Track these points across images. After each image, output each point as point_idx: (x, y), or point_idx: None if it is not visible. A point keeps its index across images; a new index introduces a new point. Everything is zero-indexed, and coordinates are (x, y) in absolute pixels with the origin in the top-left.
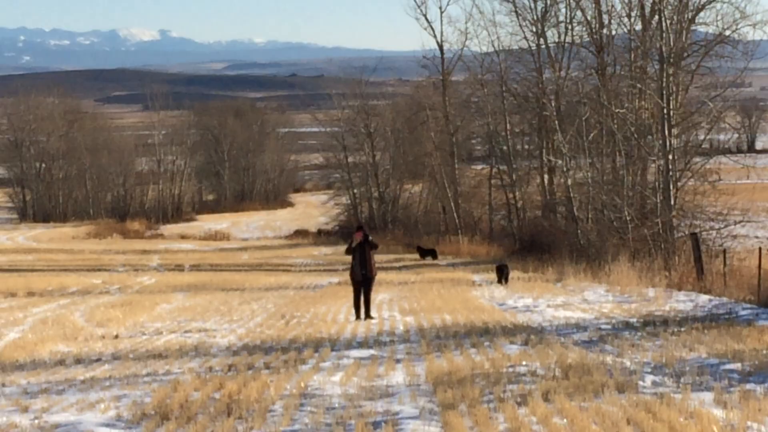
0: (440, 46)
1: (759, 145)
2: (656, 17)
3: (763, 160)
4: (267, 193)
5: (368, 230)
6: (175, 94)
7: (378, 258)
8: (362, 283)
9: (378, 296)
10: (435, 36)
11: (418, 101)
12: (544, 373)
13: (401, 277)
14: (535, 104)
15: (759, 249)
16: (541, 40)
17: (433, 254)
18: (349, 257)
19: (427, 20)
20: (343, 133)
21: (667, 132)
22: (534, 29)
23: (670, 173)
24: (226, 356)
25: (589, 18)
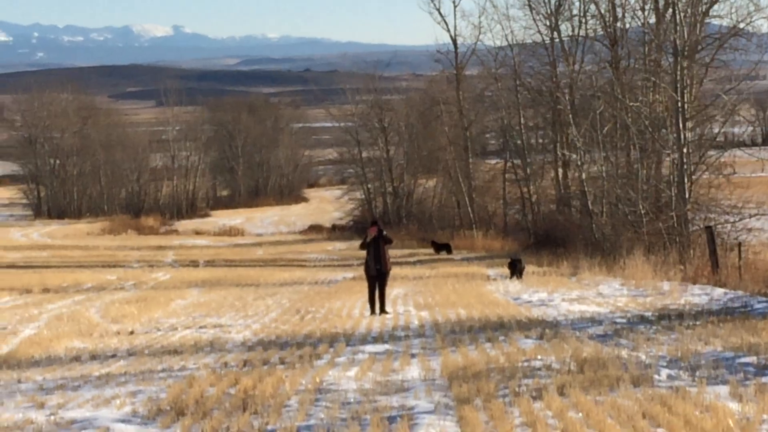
0: (454, 41)
1: None
2: (670, 10)
3: None
4: (281, 189)
5: (382, 225)
6: (188, 89)
7: (392, 253)
8: (377, 278)
9: (393, 291)
10: (448, 30)
11: (432, 96)
12: (559, 368)
13: (416, 271)
14: (549, 98)
15: None
16: (555, 34)
17: (448, 249)
18: (363, 252)
19: (440, 15)
20: (357, 128)
21: (681, 125)
22: (548, 23)
23: (685, 166)
24: (241, 352)
25: (602, 11)
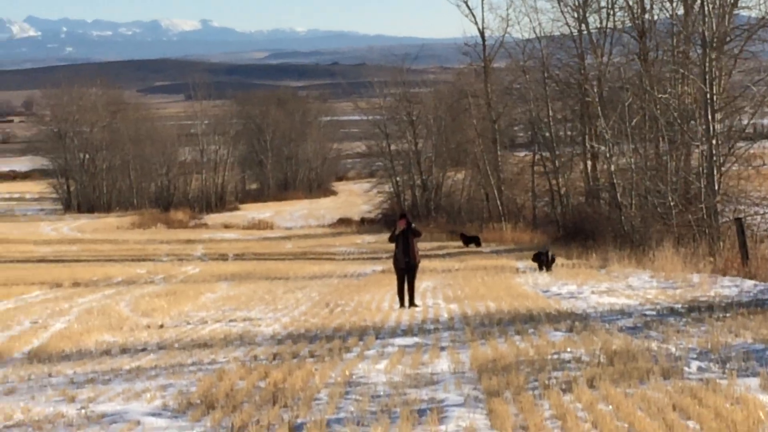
0: (482, 33)
1: None
2: (698, 1)
3: None
4: (310, 182)
5: (411, 218)
6: (217, 83)
7: (421, 246)
8: (406, 271)
9: (422, 284)
10: (476, 23)
11: (460, 88)
12: (589, 360)
13: (445, 264)
14: (577, 90)
15: None
16: (583, 26)
17: (477, 241)
18: (392, 245)
19: (468, 7)
20: (385, 121)
21: (710, 117)
22: (576, 15)
23: (714, 158)
24: (270, 345)
25: (631, 3)
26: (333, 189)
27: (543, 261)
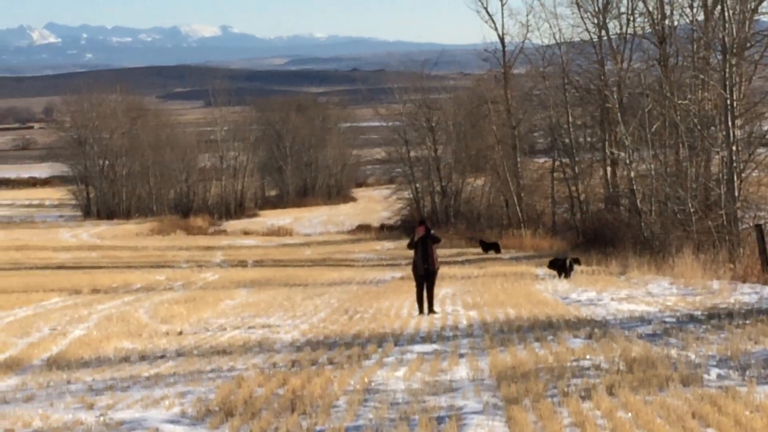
0: (501, 39)
1: None
2: (719, 7)
3: None
4: (329, 189)
5: (430, 224)
6: (236, 89)
7: (441, 252)
8: (425, 278)
9: (441, 290)
10: (496, 29)
11: (480, 94)
12: (608, 367)
13: (464, 271)
14: (597, 96)
15: None
16: (603, 32)
17: (496, 248)
18: (411, 252)
19: (488, 13)
20: (404, 127)
21: (730, 123)
22: (595, 21)
23: (734, 164)
24: (289, 352)
25: (650, 9)
26: (352, 195)
27: (560, 268)
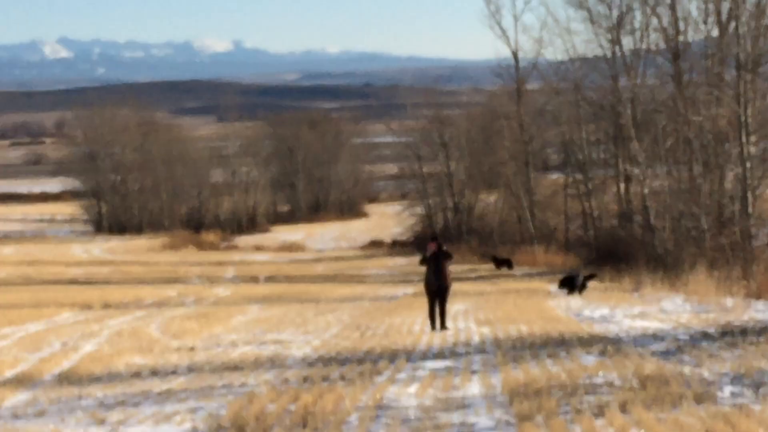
0: (515, 55)
1: None
2: (733, 23)
3: None
4: (341, 204)
5: (443, 240)
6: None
7: (453, 268)
8: (437, 294)
9: (453, 307)
10: (509, 44)
11: (493, 110)
12: (621, 384)
13: (477, 287)
14: (610, 112)
15: None
16: (617, 48)
17: (509, 264)
18: (423, 268)
19: (501, 29)
20: (417, 143)
21: (744, 139)
22: (609, 37)
23: (748, 181)
24: (301, 368)
25: (665, 25)
26: (365, 211)
27: (570, 285)
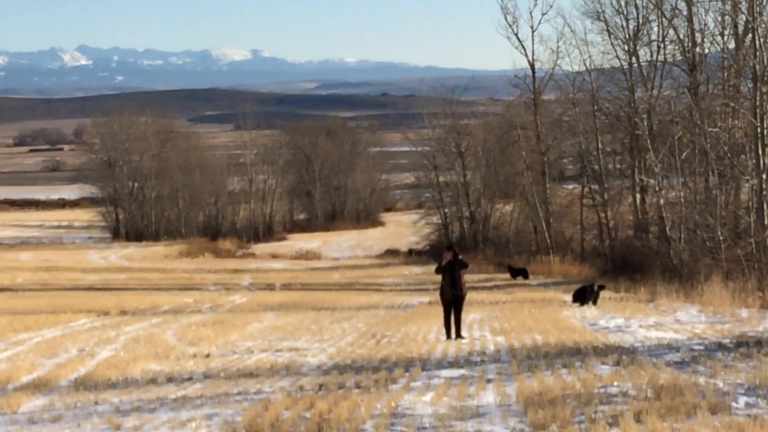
0: (531, 65)
1: None
2: (749, 36)
3: None
4: (358, 213)
5: (458, 250)
6: (266, 113)
7: (469, 278)
8: (452, 303)
9: (469, 316)
10: (526, 55)
11: (509, 120)
12: (635, 394)
13: (492, 296)
14: (626, 123)
15: None
16: (633, 59)
17: (524, 274)
18: (439, 277)
19: (518, 39)
20: (434, 153)
21: (760, 151)
22: (626, 48)
23: (764, 192)
24: (316, 375)
25: (681, 36)
26: (381, 220)
27: (581, 297)
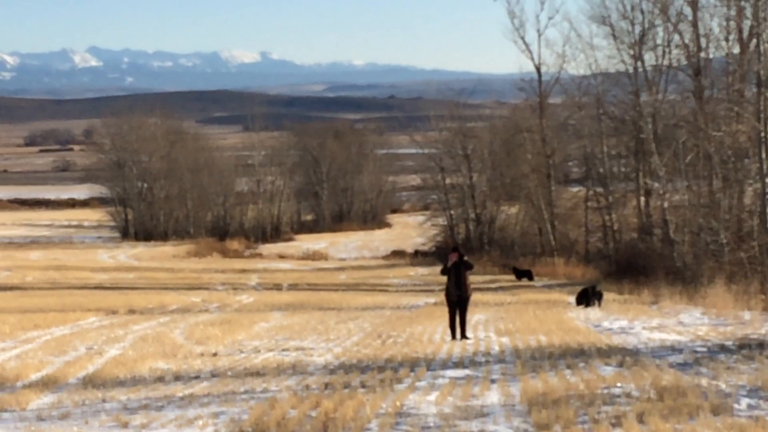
0: (537, 69)
1: None
2: (754, 40)
3: None
4: (365, 214)
5: (464, 251)
6: (275, 115)
7: (474, 279)
8: (457, 304)
9: (474, 317)
10: (532, 59)
11: (516, 123)
12: (638, 395)
13: (497, 298)
14: (631, 127)
15: None
16: (639, 63)
17: (529, 275)
18: (444, 278)
19: (524, 43)
20: (440, 155)
21: (764, 155)
22: (631, 52)
23: (767, 196)
24: (322, 375)
25: (686, 41)
26: (387, 221)
27: (583, 300)
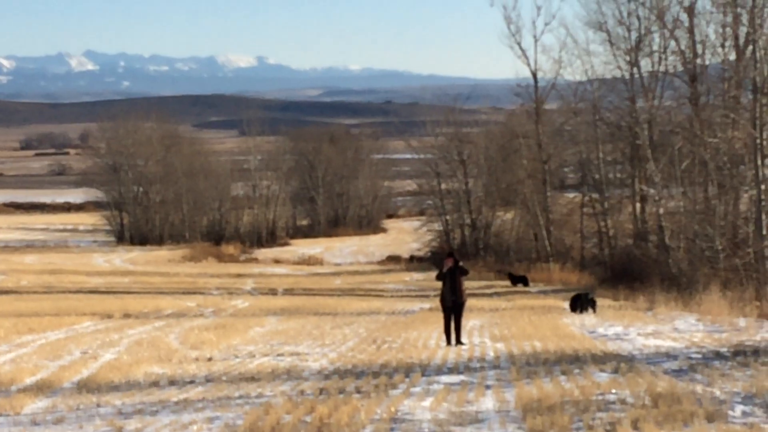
0: (534, 75)
1: None
2: (750, 47)
3: None
4: (360, 219)
5: (459, 257)
6: (271, 119)
7: (469, 284)
8: (452, 309)
9: (469, 322)
10: (529, 64)
11: (511, 129)
12: (633, 402)
13: (492, 303)
14: (627, 133)
15: None
16: (635, 70)
17: (525, 281)
18: (440, 283)
19: (521, 49)
20: (436, 160)
21: (759, 162)
22: (628, 58)
23: (763, 203)
24: (317, 380)
25: (682, 48)
26: (383, 226)
27: (576, 306)
